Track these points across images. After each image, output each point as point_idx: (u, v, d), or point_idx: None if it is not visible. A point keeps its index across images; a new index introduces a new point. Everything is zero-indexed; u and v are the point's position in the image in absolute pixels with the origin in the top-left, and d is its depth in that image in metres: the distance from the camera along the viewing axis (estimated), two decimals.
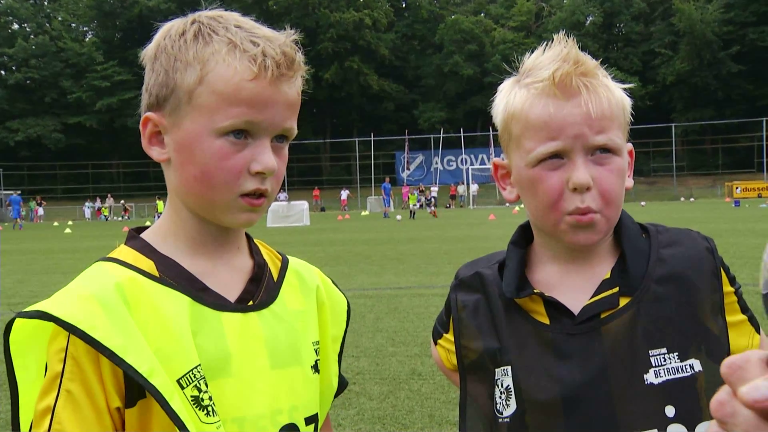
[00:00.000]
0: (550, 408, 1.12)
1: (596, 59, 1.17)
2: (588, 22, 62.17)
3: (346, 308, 1.28)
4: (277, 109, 1.03)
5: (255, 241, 1.20)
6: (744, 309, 1.21)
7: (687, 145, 60.08)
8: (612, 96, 1.12)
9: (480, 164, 58.97)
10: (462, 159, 59.96)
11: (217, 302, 1.05)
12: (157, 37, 1.07)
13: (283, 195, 48.65)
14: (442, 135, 59.48)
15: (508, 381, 1.18)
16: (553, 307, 1.16)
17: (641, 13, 62.95)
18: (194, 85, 1.01)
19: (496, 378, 1.20)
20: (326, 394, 1.19)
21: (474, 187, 51.81)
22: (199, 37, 1.02)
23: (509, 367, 1.18)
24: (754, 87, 56.88)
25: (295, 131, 1.10)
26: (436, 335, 1.37)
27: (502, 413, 1.18)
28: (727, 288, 1.19)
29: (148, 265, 1.05)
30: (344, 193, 49.07)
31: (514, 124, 1.15)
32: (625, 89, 1.18)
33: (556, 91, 1.10)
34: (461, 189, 53.30)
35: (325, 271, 1.36)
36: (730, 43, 56.50)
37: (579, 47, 1.16)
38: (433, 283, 10.55)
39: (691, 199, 49.25)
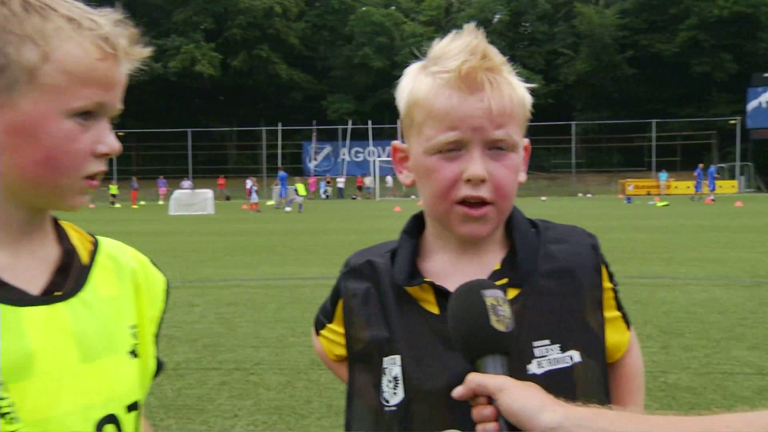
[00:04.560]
0: (436, 397, 1.12)
1: (503, 56, 1.17)
2: (496, 19, 63.52)
3: (165, 288, 1.20)
4: (119, 90, 1.01)
5: (63, 223, 1.10)
6: (619, 306, 1.25)
7: (586, 143, 62.47)
8: (514, 93, 1.13)
9: (387, 156, 59.34)
10: (369, 151, 60.17)
11: (14, 297, 0.96)
12: None
13: (187, 183, 47.39)
14: (350, 126, 59.48)
15: (397, 370, 1.17)
16: (444, 296, 1.16)
17: (546, 13, 64.86)
18: (37, 63, 0.94)
19: (384, 367, 1.19)
20: (145, 377, 1.13)
21: (389, 180, 52.23)
22: (31, 10, 0.95)
23: (398, 356, 1.17)
24: (645, 90, 59.76)
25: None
26: (319, 326, 1.35)
27: (388, 402, 1.17)
28: (607, 284, 1.22)
29: None
30: (249, 182, 48.26)
31: (417, 110, 1.15)
32: (527, 87, 1.19)
33: (462, 84, 1.10)
34: (368, 180, 53.52)
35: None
36: (626, 48, 59.12)
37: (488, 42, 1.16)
38: (337, 274, 10.54)
39: (588, 195, 51.28)
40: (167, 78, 58.93)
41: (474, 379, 0.95)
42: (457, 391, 0.96)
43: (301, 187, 35.07)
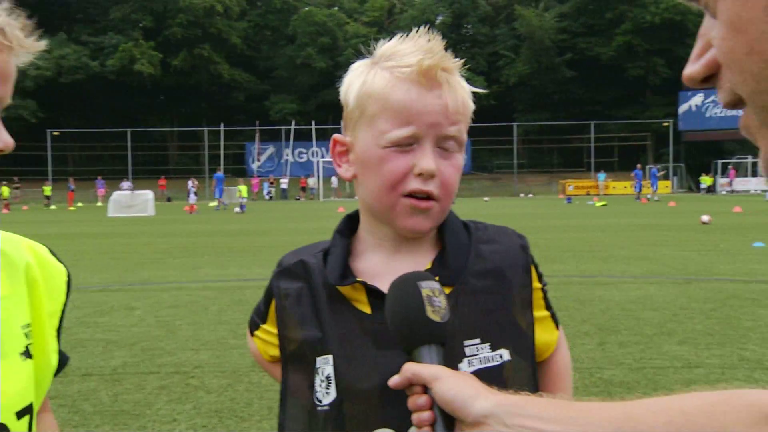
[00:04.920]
0: (368, 397, 1.13)
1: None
2: (438, 21, 64.05)
3: (66, 279, 1.13)
4: (11, 83, 0.96)
5: None
6: (548, 306, 1.28)
7: (527, 144, 63.52)
8: (465, 94, 1.16)
9: (331, 157, 59.15)
10: (313, 151, 59.94)
11: None
12: None
13: (126, 184, 46.28)
14: (293, 127, 59.13)
15: (329, 370, 1.17)
16: (375, 296, 1.17)
17: (487, 15, 65.75)
18: None
19: (316, 366, 1.19)
20: (44, 376, 1.07)
21: (334, 180, 52.11)
22: None
23: (330, 356, 1.18)
24: (583, 92, 61.17)
25: None
26: (253, 327, 1.35)
27: (321, 401, 1.18)
28: (536, 284, 1.25)
29: None
30: (190, 183, 47.59)
31: (371, 103, 1.15)
32: (476, 92, 1.21)
33: (422, 79, 1.11)
34: (311, 181, 53.32)
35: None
36: (565, 51, 60.40)
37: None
38: None
39: (530, 195, 52.19)
40: (105, 76, 57.51)
41: (410, 368, 0.97)
42: (393, 380, 0.98)
43: (243, 189, 34.75)
